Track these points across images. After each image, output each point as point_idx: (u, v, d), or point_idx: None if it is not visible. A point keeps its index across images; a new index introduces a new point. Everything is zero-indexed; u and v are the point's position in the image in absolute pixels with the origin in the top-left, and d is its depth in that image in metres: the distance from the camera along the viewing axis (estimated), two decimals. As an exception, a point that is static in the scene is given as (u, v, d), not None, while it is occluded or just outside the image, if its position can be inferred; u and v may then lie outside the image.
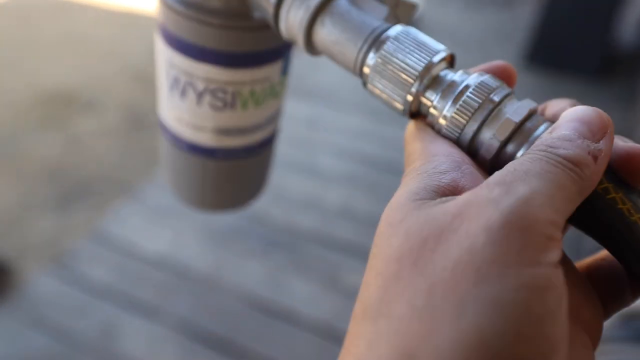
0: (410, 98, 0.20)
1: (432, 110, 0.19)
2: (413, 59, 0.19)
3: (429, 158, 0.18)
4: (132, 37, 2.58)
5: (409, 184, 0.17)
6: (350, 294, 1.23)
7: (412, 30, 0.20)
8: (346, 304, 1.21)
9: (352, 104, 1.84)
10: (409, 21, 0.23)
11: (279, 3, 0.23)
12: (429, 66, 0.19)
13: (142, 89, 2.15)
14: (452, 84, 0.19)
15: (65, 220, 1.51)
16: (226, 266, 1.30)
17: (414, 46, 0.20)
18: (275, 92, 0.30)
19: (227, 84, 0.28)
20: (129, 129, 1.91)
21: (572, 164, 0.15)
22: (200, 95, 0.28)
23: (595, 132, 0.16)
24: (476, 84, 0.18)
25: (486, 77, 0.19)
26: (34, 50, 2.46)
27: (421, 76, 0.19)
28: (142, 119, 1.97)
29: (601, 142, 0.16)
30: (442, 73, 0.20)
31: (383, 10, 0.22)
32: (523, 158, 0.16)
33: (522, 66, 2.10)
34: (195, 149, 0.31)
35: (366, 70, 0.21)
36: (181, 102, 0.29)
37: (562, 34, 2.03)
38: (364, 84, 0.21)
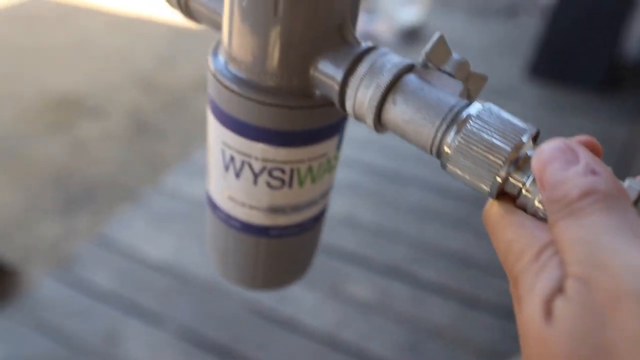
0: (499, 180, 0.19)
1: (525, 192, 0.19)
2: (500, 139, 0.18)
3: (540, 254, 0.17)
4: (140, 44, 2.60)
5: (537, 292, 0.16)
6: (353, 304, 1.23)
7: (494, 108, 0.20)
8: (349, 314, 1.21)
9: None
10: (479, 94, 0.23)
11: (345, 81, 0.22)
12: (518, 146, 0.18)
13: (149, 96, 2.16)
14: None
15: (69, 224, 1.51)
16: (229, 273, 1.29)
17: (499, 125, 0.19)
18: (330, 166, 0.29)
19: (286, 163, 0.27)
20: (134, 135, 1.92)
21: (589, 196, 0.15)
22: (257, 175, 0.27)
23: (568, 158, 0.17)
24: None
25: None
26: (43, 56, 2.48)
27: (510, 157, 0.18)
28: (147, 125, 1.98)
29: (580, 158, 0.17)
30: (530, 152, 0.19)
31: (457, 85, 0.21)
32: (562, 230, 0.16)
33: (526, 78, 2.10)
34: (249, 228, 0.30)
35: (447, 150, 0.20)
36: (236, 181, 0.28)
37: (567, 45, 2.04)
38: (443, 164, 0.20)
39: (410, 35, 2.34)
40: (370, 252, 1.36)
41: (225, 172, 0.28)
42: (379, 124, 0.22)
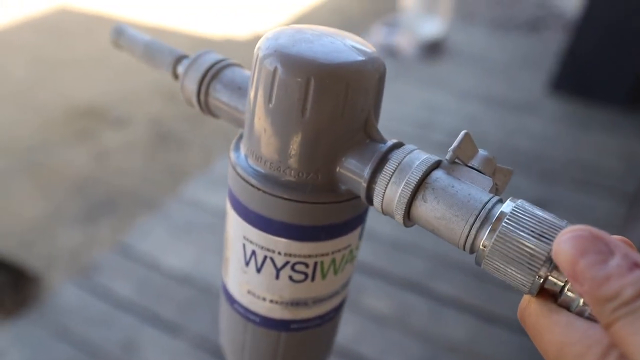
0: (540, 280, 0.18)
1: (568, 292, 0.18)
2: (537, 237, 0.18)
3: (605, 357, 0.16)
4: (162, 55, 2.64)
5: None
6: (371, 317, 1.22)
7: (527, 205, 0.19)
8: (366, 327, 1.20)
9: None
10: (506, 186, 0.23)
11: (372, 178, 0.23)
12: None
13: (170, 106, 2.19)
14: None
15: (91, 232, 1.53)
16: (247, 284, 1.30)
17: (535, 223, 0.18)
18: (352, 256, 0.29)
19: (310, 257, 0.26)
20: (156, 145, 1.95)
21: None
22: (279, 270, 0.27)
23: (603, 249, 0.16)
24: None
25: None
26: (68, 66, 2.54)
27: (550, 257, 0.18)
28: (169, 135, 2.00)
29: (616, 250, 0.16)
30: None
31: (487, 181, 0.21)
32: (622, 334, 0.15)
33: (548, 93, 2.08)
34: (269, 323, 0.29)
35: (482, 248, 0.19)
36: (257, 276, 0.28)
37: (591, 60, 2.02)
38: (478, 261, 0.20)
39: (432, 49, 2.34)
40: (388, 265, 1.35)
41: (245, 267, 0.28)
42: (408, 219, 0.22)
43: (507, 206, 0.19)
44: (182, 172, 1.78)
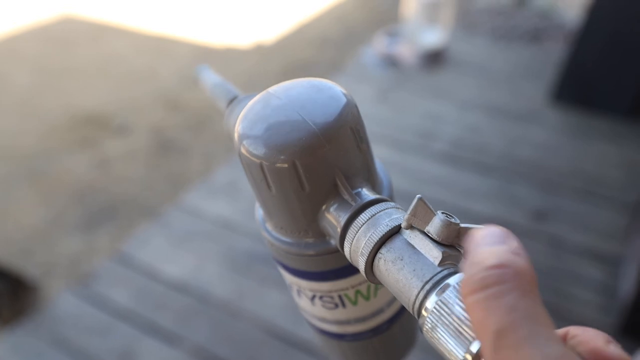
0: (469, 358, 0.17)
1: None
2: (456, 337, 0.18)
3: None
4: (165, 64, 2.65)
5: None
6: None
7: (451, 297, 0.19)
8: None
9: (377, 136, 1.84)
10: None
11: (341, 241, 0.24)
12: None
13: (172, 115, 2.20)
14: None
15: (90, 241, 1.53)
16: (247, 293, 1.29)
17: (454, 321, 0.18)
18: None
19: (331, 292, 0.29)
20: (157, 153, 1.95)
21: (509, 271, 0.16)
22: (312, 299, 0.30)
23: (503, 238, 0.17)
24: None
25: None
26: (71, 75, 2.55)
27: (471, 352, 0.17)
28: (170, 144, 2.01)
29: (511, 240, 0.17)
30: None
31: (437, 254, 0.21)
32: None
33: (549, 103, 2.08)
34: (326, 334, 0.33)
35: (424, 329, 0.19)
36: (299, 300, 0.32)
37: (592, 71, 2.01)
38: (420, 327, 0.20)
39: (433, 59, 2.34)
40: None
41: (291, 292, 0.33)
42: (371, 275, 0.23)
43: (454, 279, 0.19)
44: (182, 180, 1.78)
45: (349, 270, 0.28)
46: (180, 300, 1.28)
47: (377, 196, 0.25)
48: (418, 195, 0.22)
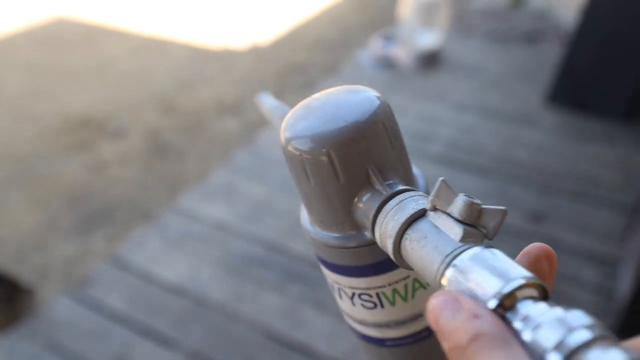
0: None
1: None
2: (482, 288, 0.19)
3: None
4: (160, 66, 2.64)
5: None
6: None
7: (486, 255, 0.20)
8: (363, 341, 1.19)
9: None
10: (500, 227, 0.23)
11: (372, 229, 0.26)
12: (502, 297, 0.18)
13: (167, 117, 2.19)
14: (525, 321, 0.18)
15: (85, 244, 1.52)
16: (243, 296, 1.29)
17: (481, 275, 0.19)
18: (422, 284, 0.31)
19: (368, 289, 0.30)
20: (152, 156, 1.94)
21: (484, 338, 0.17)
22: (351, 298, 0.31)
23: (455, 305, 0.19)
24: (554, 345, 0.16)
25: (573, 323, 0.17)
26: (65, 77, 2.54)
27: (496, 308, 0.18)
28: (166, 147, 2.00)
29: (463, 304, 0.18)
30: (520, 305, 0.18)
31: (458, 231, 0.22)
32: None
33: (545, 105, 2.09)
34: (367, 338, 0.34)
35: (444, 283, 0.21)
36: (341, 302, 0.33)
37: (588, 73, 2.02)
38: None
39: (429, 61, 2.34)
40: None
41: (333, 293, 0.33)
42: (400, 258, 0.24)
43: (461, 260, 0.20)
44: (178, 183, 1.78)
45: (386, 265, 0.29)
46: (176, 304, 1.27)
47: (407, 187, 0.27)
48: (441, 178, 0.23)
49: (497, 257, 0.20)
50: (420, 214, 0.24)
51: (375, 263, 0.29)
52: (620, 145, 1.85)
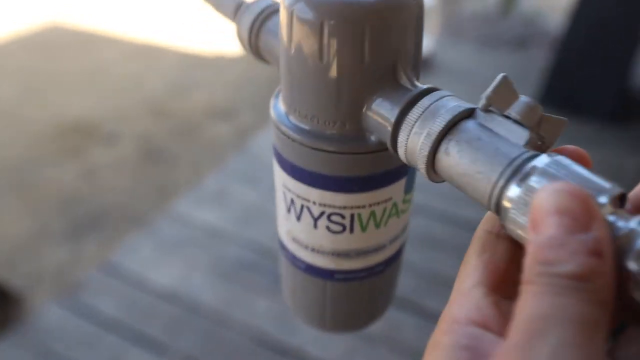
0: None
1: None
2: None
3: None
4: (153, 72, 2.64)
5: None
6: (360, 335, 1.21)
7: (564, 161, 0.17)
8: (355, 345, 1.19)
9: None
10: (556, 140, 0.20)
11: (397, 126, 0.21)
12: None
13: (160, 123, 2.19)
14: (630, 235, 0.15)
15: (76, 250, 1.51)
16: (236, 302, 1.29)
17: (571, 180, 0.16)
18: (398, 211, 0.28)
19: (344, 209, 0.26)
20: (144, 162, 1.94)
21: (581, 281, 0.13)
22: (316, 219, 0.27)
23: (582, 220, 0.14)
24: None
25: None
26: (57, 82, 2.53)
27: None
28: (158, 152, 1.99)
29: (593, 228, 0.14)
30: (612, 218, 0.15)
31: (523, 133, 0.18)
32: (528, 296, 0.14)
33: (536, 108, 2.10)
34: (313, 270, 0.29)
35: (506, 204, 0.17)
36: (298, 224, 0.28)
37: (575, 77, 2.04)
38: (502, 221, 0.18)
39: (420, 66, 2.36)
40: (378, 282, 1.34)
41: (287, 214, 0.28)
42: (434, 172, 0.20)
43: (540, 160, 0.17)
44: (171, 188, 1.77)
45: (377, 180, 0.25)
46: (168, 310, 1.27)
47: (436, 87, 0.23)
48: (502, 74, 0.20)
49: (574, 164, 0.17)
50: (468, 114, 0.20)
51: (365, 176, 0.25)
52: (608, 148, 1.87)
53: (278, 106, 0.26)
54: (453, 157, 0.19)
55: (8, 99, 2.40)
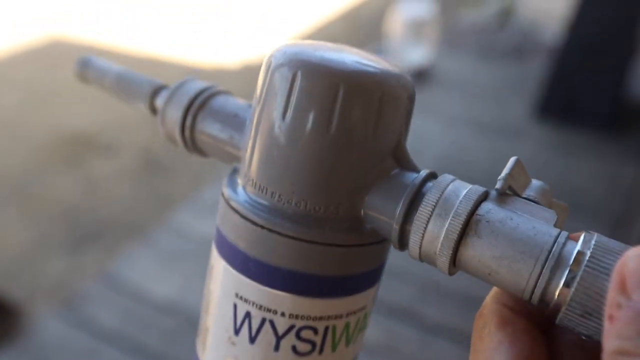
0: None
1: None
2: None
3: None
4: (152, 84, 2.65)
5: None
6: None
7: (603, 239, 0.16)
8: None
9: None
10: (563, 224, 0.19)
11: (408, 214, 0.19)
12: None
13: (160, 135, 2.20)
14: None
15: (76, 262, 1.51)
16: (235, 313, 1.28)
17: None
18: (365, 324, 0.23)
19: (320, 320, 0.21)
20: (144, 173, 1.95)
21: None
22: (281, 338, 0.21)
23: None
24: None
25: None
26: (59, 94, 2.55)
27: None
28: (158, 164, 2.00)
29: None
30: None
31: (550, 214, 0.17)
32: None
33: (533, 118, 2.11)
34: None
35: (558, 293, 0.16)
36: (250, 348, 0.21)
37: (573, 87, 2.05)
38: (555, 316, 0.16)
39: (419, 76, 2.37)
40: (383, 295, 1.34)
41: (235, 336, 0.22)
42: (454, 264, 0.18)
43: (584, 243, 0.16)
44: (170, 200, 1.77)
45: (364, 280, 0.22)
46: (167, 322, 1.26)
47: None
48: (515, 157, 0.19)
49: (610, 240, 0.16)
50: (485, 197, 0.19)
51: (356, 275, 0.21)
52: (606, 157, 1.87)
53: (240, 191, 0.21)
54: (486, 239, 0.17)
55: (9, 110, 2.41)
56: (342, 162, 0.19)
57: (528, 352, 0.17)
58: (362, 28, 3.35)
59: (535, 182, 0.19)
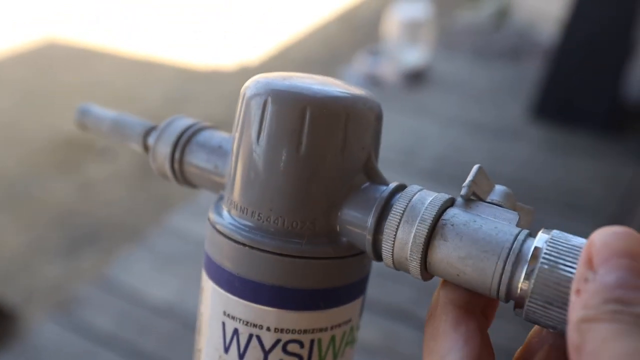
0: None
1: None
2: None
3: None
4: (149, 86, 2.65)
5: None
6: (358, 347, 1.20)
7: (563, 236, 0.17)
8: (354, 358, 1.18)
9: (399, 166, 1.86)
10: (529, 225, 0.20)
11: (379, 222, 0.20)
12: None
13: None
14: None
15: (72, 266, 1.51)
16: (232, 316, 1.28)
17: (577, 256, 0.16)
18: (352, 337, 0.25)
19: (306, 333, 0.22)
20: (140, 176, 1.94)
21: None
22: (268, 352, 0.22)
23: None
24: None
25: None
26: (55, 97, 2.54)
27: None
28: (154, 166, 2.00)
29: None
30: None
31: (513, 215, 0.19)
32: (606, 334, 0.13)
33: (530, 119, 2.12)
34: None
35: (520, 288, 0.17)
36: None
37: (569, 88, 2.06)
38: (519, 306, 0.17)
39: (415, 78, 2.37)
40: (374, 293, 1.34)
41: (225, 354, 0.23)
42: (425, 268, 0.19)
43: (540, 239, 0.17)
44: (167, 202, 1.77)
45: (346, 293, 0.23)
46: (164, 325, 1.26)
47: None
48: (477, 165, 0.20)
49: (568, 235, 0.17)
50: (450, 203, 0.20)
51: (338, 288, 0.22)
52: (603, 158, 1.88)
53: (225, 215, 0.23)
54: (452, 241, 0.18)
55: (4, 113, 2.40)
56: (313, 180, 0.21)
57: (480, 350, 0.18)
58: (359, 29, 3.36)
59: (498, 187, 0.20)
